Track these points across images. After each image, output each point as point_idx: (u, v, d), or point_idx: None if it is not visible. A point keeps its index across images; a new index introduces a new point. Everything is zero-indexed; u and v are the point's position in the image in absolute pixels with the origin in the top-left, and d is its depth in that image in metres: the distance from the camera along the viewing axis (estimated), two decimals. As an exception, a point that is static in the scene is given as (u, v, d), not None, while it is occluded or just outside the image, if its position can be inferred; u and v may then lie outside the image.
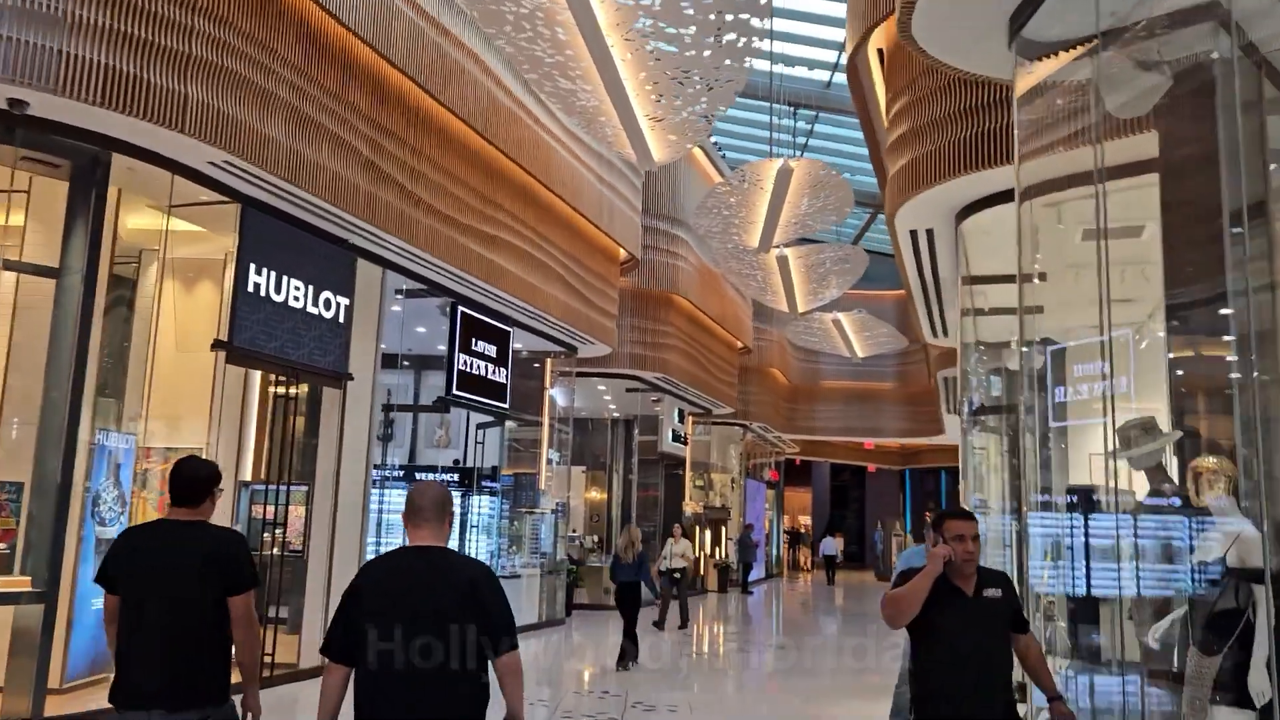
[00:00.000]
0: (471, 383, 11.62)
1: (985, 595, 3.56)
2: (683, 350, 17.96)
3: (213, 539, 3.53)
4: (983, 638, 3.52)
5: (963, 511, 3.80)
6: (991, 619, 3.56)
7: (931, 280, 10.14)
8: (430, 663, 2.93)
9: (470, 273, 10.57)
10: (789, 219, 13.89)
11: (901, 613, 3.53)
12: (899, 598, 3.55)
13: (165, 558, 3.46)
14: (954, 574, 3.54)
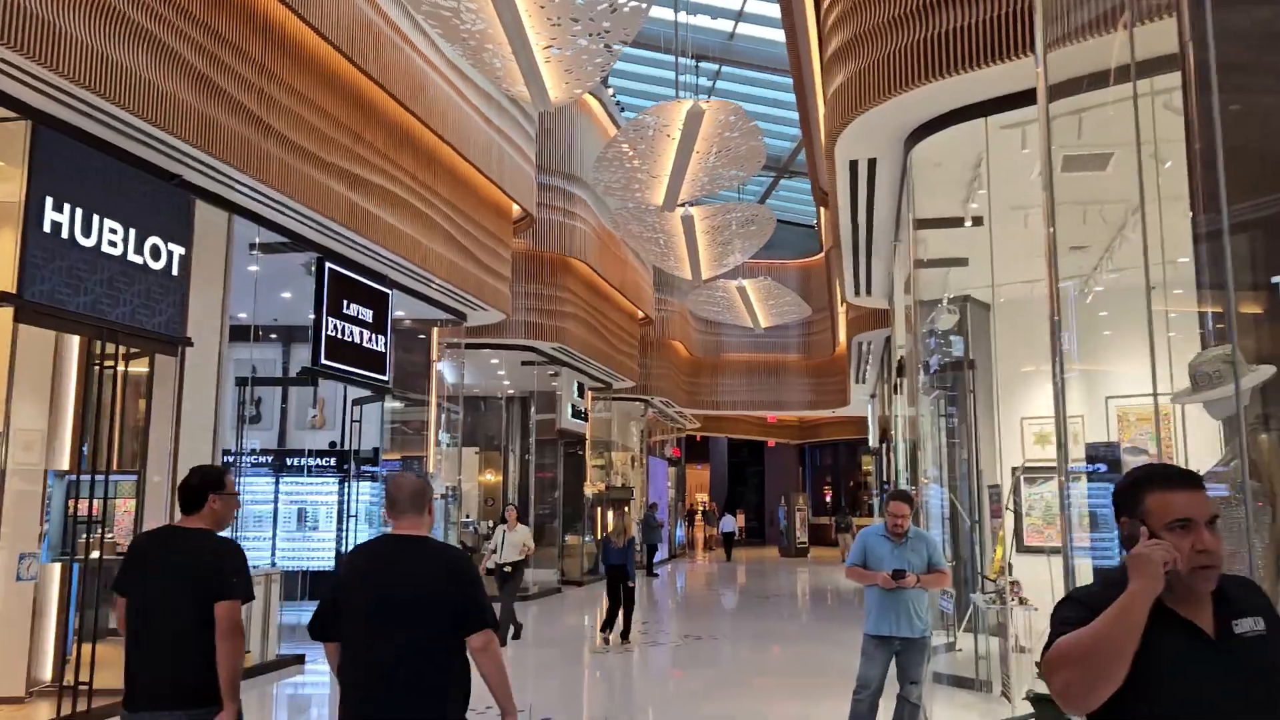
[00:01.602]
0: (344, 351, 10.07)
1: (1237, 632, 1.94)
2: (581, 319, 16.66)
3: (202, 547, 3.59)
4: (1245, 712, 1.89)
5: (1183, 474, 2.01)
6: (1258, 676, 1.92)
7: (865, 225, 9.12)
8: (408, 646, 3.06)
9: (335, 220, 9.02)
10: (696, 173, 12.78)
11: (1101, 673, 1.85)
12: (1087, 649, 1.86)
13: (161, 564, 3.56)
14: (1178, 595, 1.95)
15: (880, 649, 5.84)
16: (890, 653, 5.84)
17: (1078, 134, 7.35)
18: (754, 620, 14.54)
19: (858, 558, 5.95)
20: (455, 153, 11.39)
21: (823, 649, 11.60)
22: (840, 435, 33.95)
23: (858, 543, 6.04)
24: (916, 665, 5.83)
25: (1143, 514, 1.97)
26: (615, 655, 10.98)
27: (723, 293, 19.43)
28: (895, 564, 5.76)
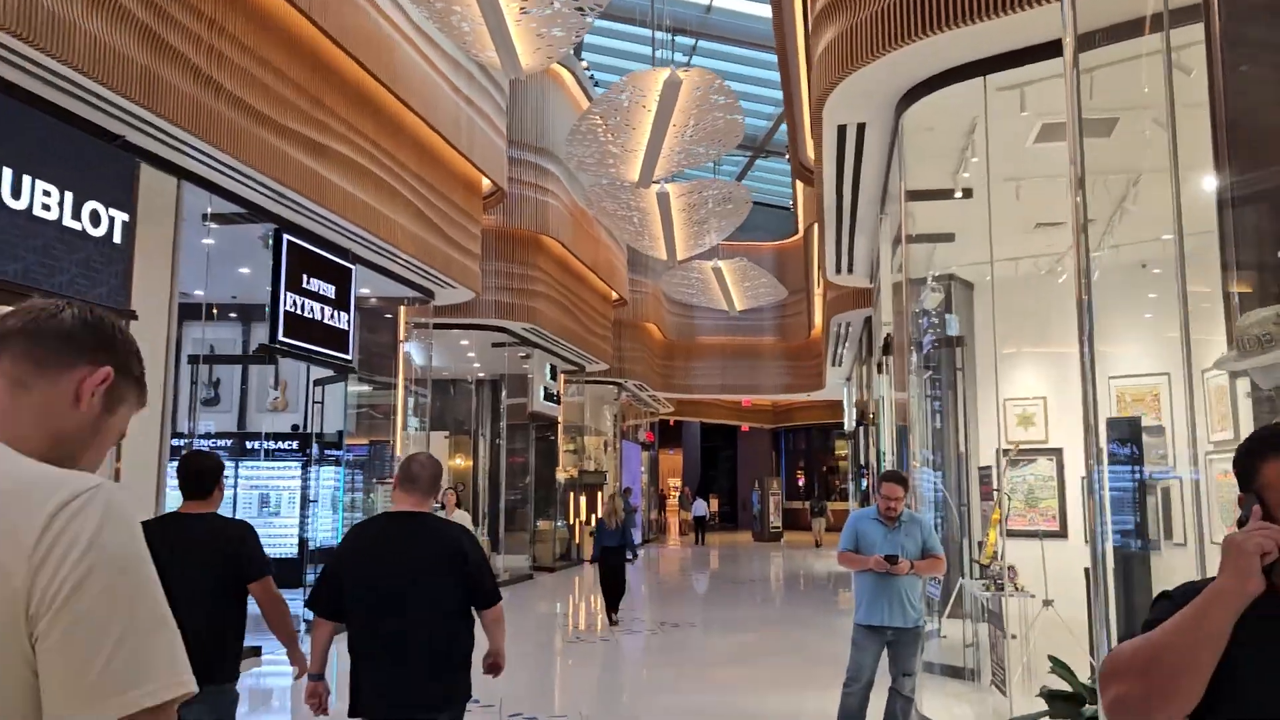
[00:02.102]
0: (304, 329, 9.57)
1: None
2: (554, 300, 16.21)
3: (219, 531, 3.63)
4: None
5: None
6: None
7: (850, 197, 8.75)
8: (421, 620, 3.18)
9: (292, 188, 8.51)
10: (673, 147, 12.38)
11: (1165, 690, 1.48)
12: (1149, 659, 1.50)
13: (184, 551, 3.50)
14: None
15: (871, 639, 5.50)
16: (882, 643, 5.51)
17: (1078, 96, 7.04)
18: (731, 607, 14.23)
19: (849, 542, 5.60)
20: (422, 121, 10.90)
21: (804, 636, 11.31)
22: (814, 419, 33.76)
23: (848, 527, 5.69)
24: (910, 656, 5.50)
25: (1259, 487, 1.55)
26: (590, 644, 10.62)
27: (698, 274, 19.05)
28: (888, 549, 5.42)
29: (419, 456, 3.54)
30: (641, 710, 7.86)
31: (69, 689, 0.95)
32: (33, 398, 1.17)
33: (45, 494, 1.00)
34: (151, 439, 7.65)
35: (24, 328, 1.19)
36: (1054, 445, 11.23)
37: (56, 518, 0.98)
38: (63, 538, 0.98)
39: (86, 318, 1.23)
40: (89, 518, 1.00)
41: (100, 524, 1.01)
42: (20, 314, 1.20)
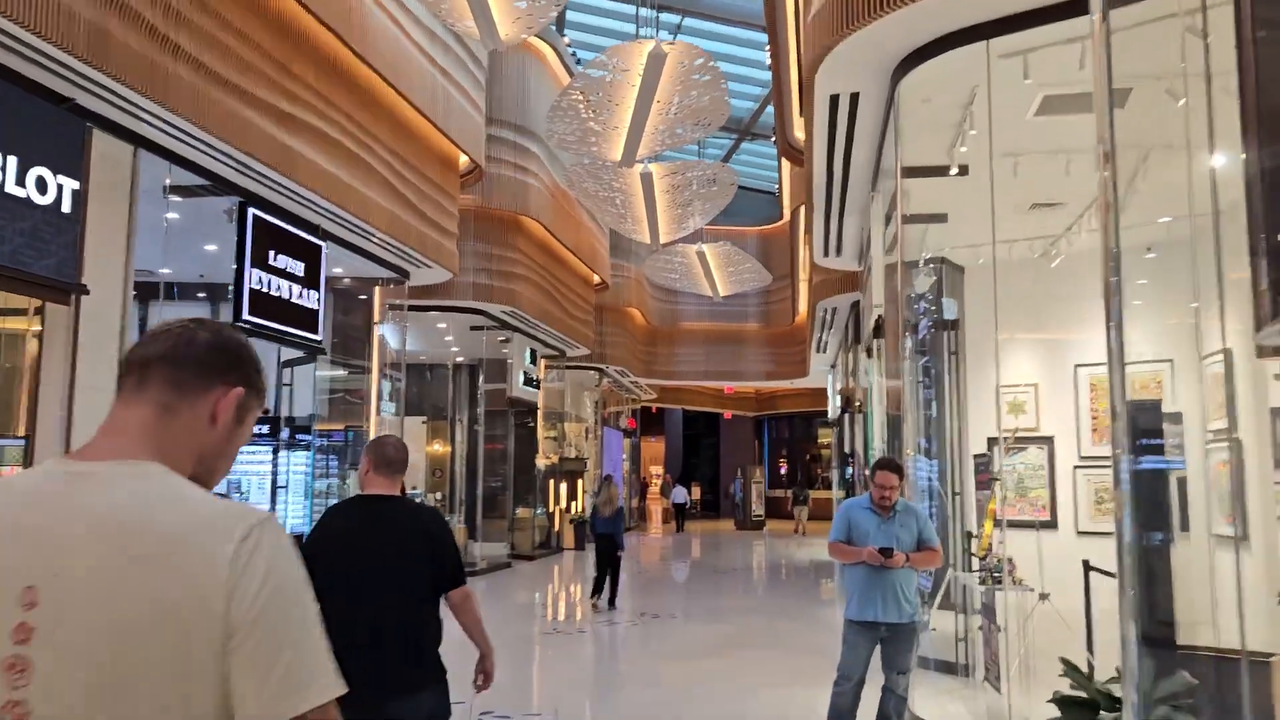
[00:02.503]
0: (271, 307, 9.17)
1: None
2: (534, 282, 15.83)
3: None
4: None
5: None
6: None
7: (841, 174, 8.41)
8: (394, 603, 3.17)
9: (258, 159, 8.10)
10: (657, 125, 12.04)
11: None
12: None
13: None
14: None
15: (864, 636, 5.20)
16: (875, 640, 5.21)
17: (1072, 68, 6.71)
18: (713, 596, 13.95)
19: (840, 533, 5.29)
20: (396, 93, 10.47)
21: (789, 628, 11.03)
22: (797, 407, 33.52)
23: (839, 516, 5.38)
24: (904, 654, 5.20)
25: None
26: (568, 635, 10.31)
27: (681, 258, 18.72)
28: (883, 541, 5.12)
29: (392, 439, 3.55)
30: (620, 707, 7.55)
31: (257, 692, 1.11)
32: (179, 420, 1.27)
33: (228, 528, 1.15)
34: (104, 421, 7.24)
35: (165, 355, 1.27)
36: (1045, 433, 11.01)
37: (240, 552, 1.13)
38: (248, 569, 1.13)
39: (218, 340, 1.32)
40: (264, 549, 1.15)
41: (273, 555, 1.16)
42: (160, 340, 1.29)
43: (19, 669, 1.09)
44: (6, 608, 1.10)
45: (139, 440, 1.24)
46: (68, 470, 1.20)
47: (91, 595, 1.10)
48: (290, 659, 1.14)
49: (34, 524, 1.14)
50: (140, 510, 1.16)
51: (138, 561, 1.11)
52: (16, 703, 1.08)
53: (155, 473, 1.21)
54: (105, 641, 1.09)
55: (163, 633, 1.10)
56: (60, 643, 1.09)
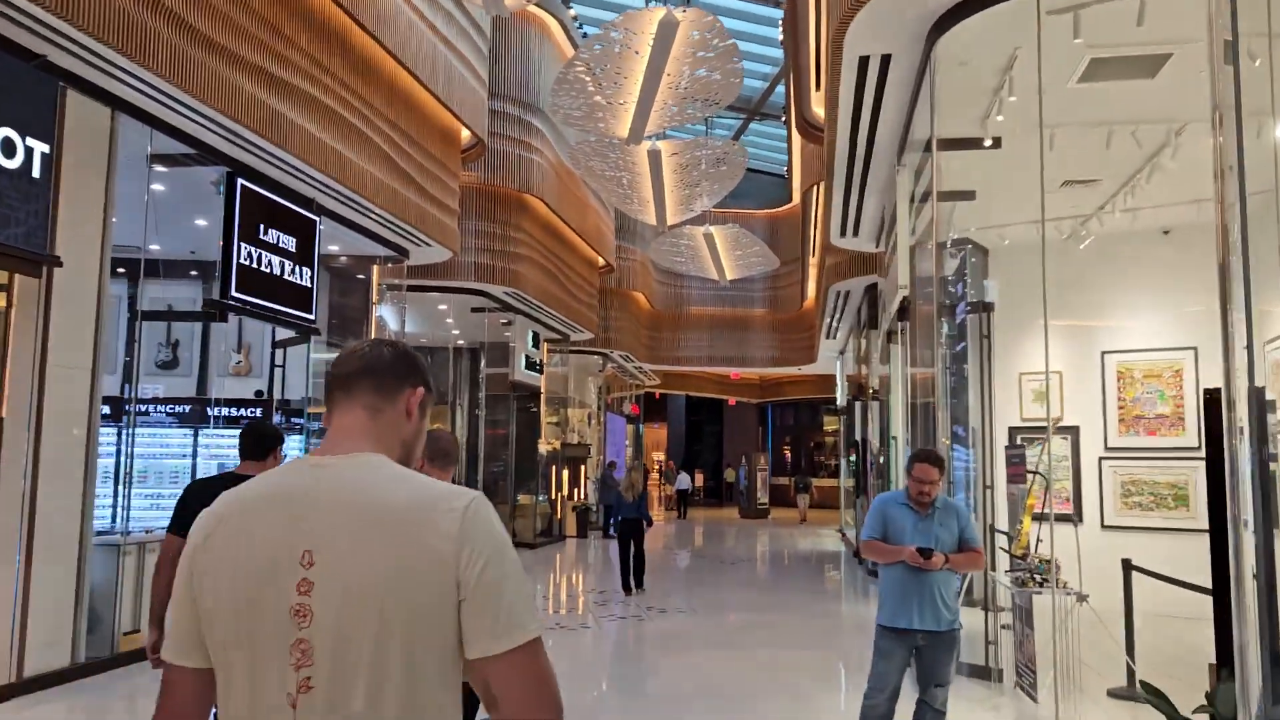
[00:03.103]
0: (260, 283, 8.70)
1: None
2: (538, 263, 15.34)
3: None
4: None
5: None
6: None
7: (865, 146, 7.93)
8: None
9: (246, 126, 7.61)
10: (666, 99, 11.53)
11: None
12: None
13: None
14: None
15: (898, 644, 4.75)
16: (910, 649, 4.76)
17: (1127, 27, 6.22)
18: (720, 589, 13.53)
19: (875, 530, 4.83)
20: (394, 61, 9.98)
21: (804, 625, 10.60)
22: (803, 394, 33.07)
23: (874, 511, 4.92)
24: (943, 665, 4.75)
25: None
26: (571, 631, 9.88)
27: (688, 240, 18.24)
28: (921, 540, 4.66)
29: (444, 433, 3.81)
30: (628, 708, 7.13)
31: (485, 629, 1.41)
32: (384, 418, 1.59)
33: (452, 502, 1.45)
34: (79, 404, 6.79)
35: (365, 369, 1.60)
36: (1069, 423, 10.56)
37: (464, 520, 1.44)
38: (470, 533, 1.43)
39: (398, 352, 1.64)
40: (481, 517, 1.46)
41: (487, 524, 1.46)
42: (356, 358, 1.62)
43: (303, 614, 1.38)
44: (292, 567, 1.40)
45: (359, 437, 1.54)
46: (312, 464, 1.50)
47: (352, 557, 1.39)
48: (508, 605, 1.42)
49: (302, 504, 1.44)
50: (378, 491, 1.44)
51: (383, 531, 1.40)
52: (302, 640, 1.38)
53: (379, 461, 1.51)
54: (363, 591, 1.37)
55: (406, 585, 1.38)
56: (331, 593, 1.38)
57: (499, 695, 1.42)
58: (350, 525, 1.41)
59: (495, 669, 1.41)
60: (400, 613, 1.37)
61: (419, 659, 1.39)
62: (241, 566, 1.42)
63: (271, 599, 1.39)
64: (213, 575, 1.44)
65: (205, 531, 1.48)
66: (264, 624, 1.39)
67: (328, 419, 1.58)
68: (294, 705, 1.37)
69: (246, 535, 1.44)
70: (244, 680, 1.40)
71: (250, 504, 1.47)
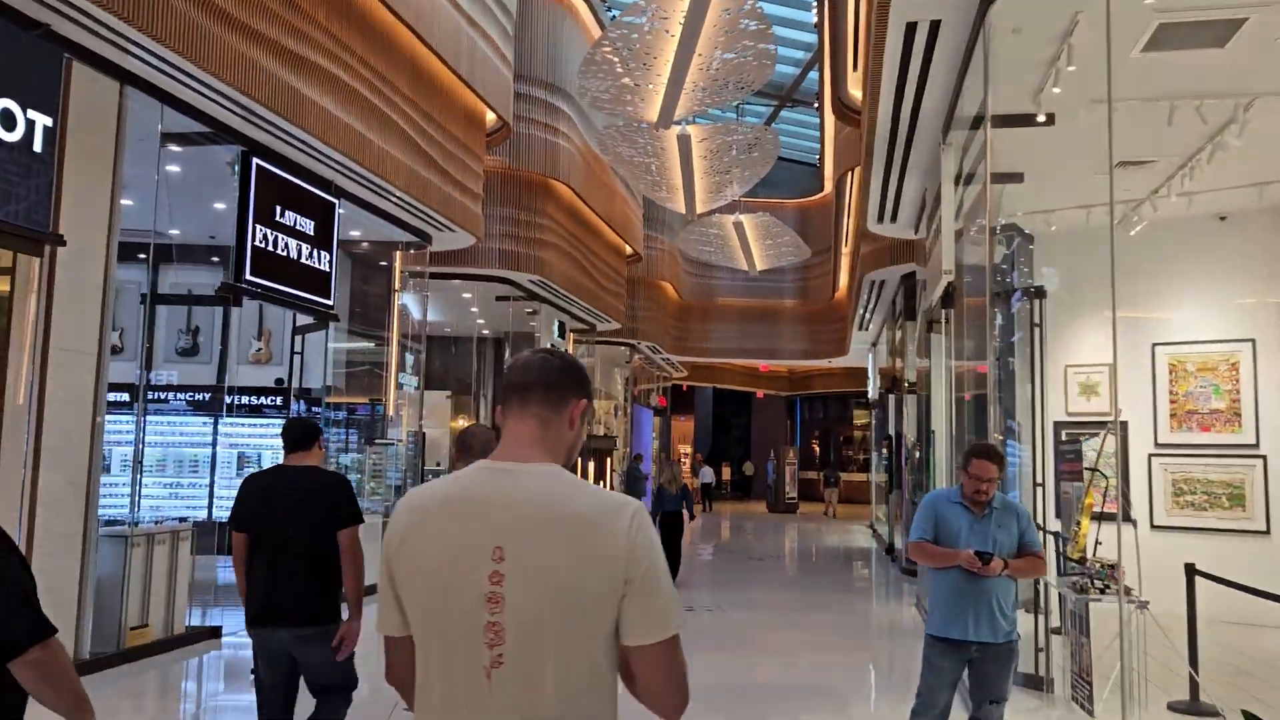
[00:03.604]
0: (276, 267, 8.42)
1: None
2: (564, 251, 15.00)
3: (320, 480, 4.11)
4: None
5: None
6: None
7: (908, 123, 7.51)
8: None
9: (260, 102, 7.31)
10: (696, 81, 11.16)
11: None
12: None
13: (283, 497, 4.03)
14: None
15: (949, 657, 4.36)
16: (963, 662, 4.37)
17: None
18: (748, 587, 13.15)
19: (926, 530, 4.44)
20: (417, 39, 9.65)
21: (837, 624, 10.20)
22: (833, 388, 32.55)
23: (924, 511, 4.52)
24: (1000, 679, 4.35)
25: None
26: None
27: (717, 229, 17.84)
28: (978, 543, 4.27)
29: (478, 429, 3.90)
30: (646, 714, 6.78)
31: (641, 621, 1.62)
32: (552, 428, 1.76)
33: (619, 512, 1.65)
34: (83, 391, 6.52)
35: (539, 381, 1.76)
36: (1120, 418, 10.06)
37: (630, 527, 1.63)
38: (635, 539, 1.62)
39: (566, 364, 1.81)
40: (643, 527, 1.65)
41: (648, 531, 1.65)
42: (531, 369, 1.78)
43: (495, 601, 1.61)
44: (484, 560, 1.62)
45: (531, 446, 1.74)
46: (492, 469, 1.72)
47: (538, 552, 1.61)
48: (661, 604, 1.64)
49: (491, 506, 1.66)
50: (560, 496, 1.67)
51: (566, 531, 1.62)
52: (495, 623, 1.60)
53: (553, 469, 1.72)
54: (546, 582, 1.60)
55: (583, 577, 1.60)
56: (519, 583, 1.61)
57: (639, 676, 1.66)
58: (536, 525, 1.62)
59: (642, 655, 1.63)
60: (576, 601, 1.59)
61: (589, 639, 1.61)
62: (437, 560, 1.64)
63: (466, 588, 1.61)
64: (410, 568, 1.67)
65: (401, 530, 1.71)
66: (460, 609, 1.61)
67: (503, 421, 1.78)
68: (489, 677, 1.59)
69: (440, 533, 1.66)
70: (443, 656, 1.63)
71: (442, 506, 1.69)
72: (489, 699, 1.59)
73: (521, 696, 1.59)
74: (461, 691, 1.61)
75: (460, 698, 1.61)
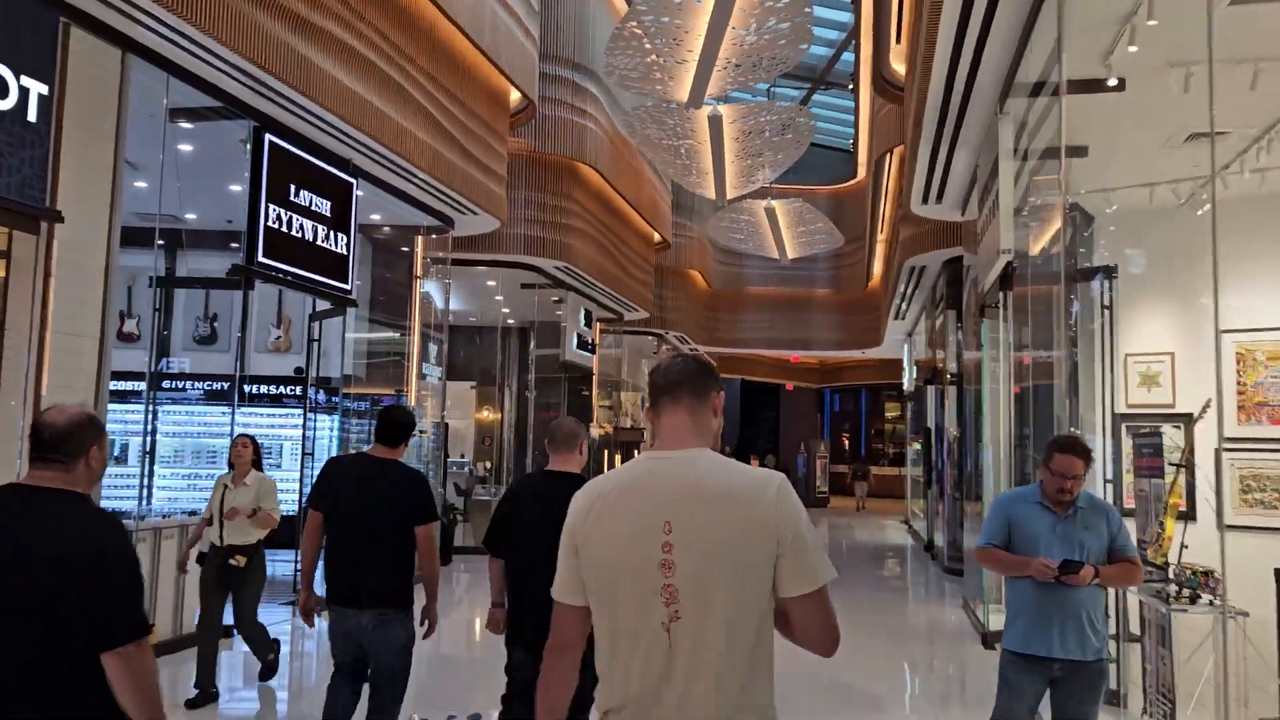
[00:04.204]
0: (290, 249, 8.02)
1: None
2: (590, 237, 14.54)
3: (404, 476, 4.30)
4: None
5: None
6: None
7: (963, 90, 6.97)
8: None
9: (272, 72, 6.89)
10: (729, 56, 10.67)
11: None
12: None
13: (364, 487, 4.22)
14: None
15: (1030, 675, 3.86)
16: (1044, 680, 3.87)
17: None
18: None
19: (995, 534, 3.95)
20: (439, 11, 9.21)
21: (880, 626, 9.70)
22: (863, 380, 31.91)
23: (995, 512, 4.04)
24: (1087, 703, 3.84)
25: None
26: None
27: (748, 216, 17.33)
28: (1063, 549, 3.78)
29: (566, 421, 4.09)
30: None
31: (795, 575, 1.92)
32: (700, 418, 2.09)
33: (766, 483, 1.95)
34: (85, 376, 6.15)
35: (685, 380, 2.09)
36: (1181, 410, 9.49)
37: (776, 498, 1.92)
38: (781, 507, 1.92)
39: (702, 363, 2.14)
40: (789, 494, 1.95)
41: (793, 499, 1.96)
42: (675, 370, 2.11)
43: (668, 566, 1.91)
44: (656, 533, 1.93)
45: (685, 435, 2.06)
46: (655, 458, 2.04)
47: (702, 524, 1.92)
48: (810, 559, 1.93)
49: (658, 488, 1.97)
50: (716, 476, 1.96)
51: (724, 505, 1.93)
52: (669, 585, 1.90)
53: (705, 452, 2.03)
54: (711, 548, 1.91)
55: (741, 543, 1.91)
56: (687, 550, 1.91)
57: (796, 623, 1.96)
58: (699, 501, 1.93)
59: (798, 604, 1.93)
60: (738, 562, 1.90)
61: (749, 595, 1.90)
62: (617, 535, 1.97)
63: (643, 557, 1.93)
64: (593, 542, 1.99)
65: (583, 511, 2.03)
66: (638, 574, 1.93)
67: (655, 419, 2.09)
68: (668, 630, 1.90)
69: (618, 514, 1.98)
70: (626, 613, 1.94)
71: (617, 491, 2.01)
72: (671, 648, 1.89)
73: (697, 645, 1.88)
74: (647, 644, 1.91)
75: (647, 648, 1.91)
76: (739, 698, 1.88)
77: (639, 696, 1.92)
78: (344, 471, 4.34)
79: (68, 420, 2.44)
